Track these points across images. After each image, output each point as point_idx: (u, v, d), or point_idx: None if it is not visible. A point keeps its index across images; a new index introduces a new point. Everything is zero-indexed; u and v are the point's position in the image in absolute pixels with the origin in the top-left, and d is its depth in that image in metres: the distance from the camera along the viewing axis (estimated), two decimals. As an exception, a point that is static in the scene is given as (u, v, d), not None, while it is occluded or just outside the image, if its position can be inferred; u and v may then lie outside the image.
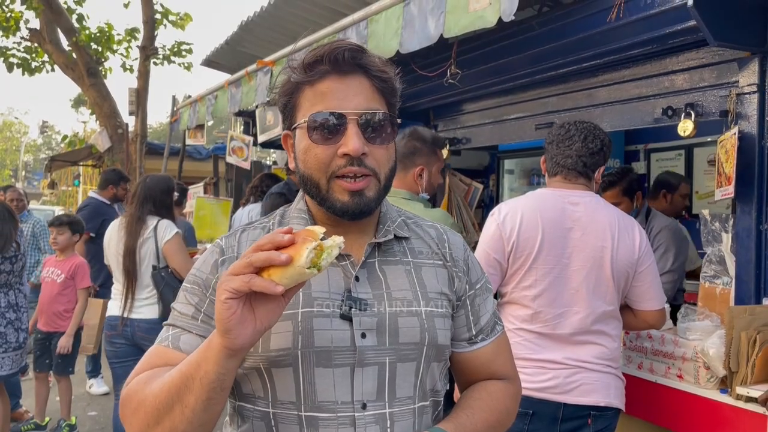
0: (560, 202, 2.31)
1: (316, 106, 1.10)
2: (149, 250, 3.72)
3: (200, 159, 10.67)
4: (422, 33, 2.95)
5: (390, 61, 1.19)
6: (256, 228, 1.22)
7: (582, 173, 2.36)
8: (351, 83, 1.11)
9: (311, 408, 1.08)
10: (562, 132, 2.40)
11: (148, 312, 3.72)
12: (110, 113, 9.56)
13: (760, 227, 2.66)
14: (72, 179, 19.49)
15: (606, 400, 2.25)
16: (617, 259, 2.27)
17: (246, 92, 4.96)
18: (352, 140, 1.08)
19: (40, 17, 9.50)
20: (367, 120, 1.10)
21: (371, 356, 1.10)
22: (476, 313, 1.26)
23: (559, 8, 3.51)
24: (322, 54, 1.10)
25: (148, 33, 9.52)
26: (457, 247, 1.27)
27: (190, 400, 0.96)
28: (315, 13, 4.77)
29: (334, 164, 1.10)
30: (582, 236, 2.26)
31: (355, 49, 1.11)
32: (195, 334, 1.10)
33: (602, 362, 2.27)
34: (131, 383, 1.08)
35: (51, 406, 4.88)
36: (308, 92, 1.12)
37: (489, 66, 3.81)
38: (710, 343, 2.53)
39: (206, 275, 1.15)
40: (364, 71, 1.12)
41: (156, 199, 3.80)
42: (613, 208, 2.40)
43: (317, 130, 1.09)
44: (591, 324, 2.25)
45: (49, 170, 11.88)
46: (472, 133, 4.46)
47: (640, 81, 3.22)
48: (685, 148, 5.31)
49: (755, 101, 2.66)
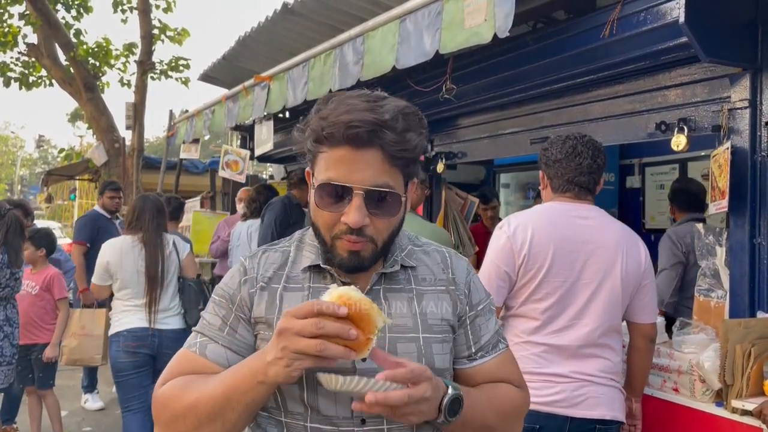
0: (571, 216, 2.32)
1: (328, 172, 1.14)
2: (174, 262, 4.02)
3: (197, 173, 10.69)
4: (418, 49, 2.98)
5: (415, 117, 1.17)
6: (277, 251, 1.30)
7: (591, 191, 2.39)
8: (364, 156, 1.12)
9: (316, 421, 1.18)
10: (568, 149, 2.37)
11: (174, 323, 3.99)
12: (107, 127, 9.58)
13: (753, 241, 2.68)
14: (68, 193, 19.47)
15: (612, 413, 2.27)
16: (626, 273, 2.29)
17: (243, 107, 4.99)
18: (354, 214, 1.13)
19: (37, 32, 9.55)
20: (371, 195, 1.13)
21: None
22: (476, 332, 1.30)
23: (553, 24, 3.56)
24: (335, 129, 1.11)
25: (146, 48, 9.58)
26: (460, 271, 1.32)
27: (232, 417, 1.11)
28: (312, 29, 4.81)
29: (336, 228, 1.17)
30: (593, 250, 2.27)
31: (373, 129, 1.11)
32: (221, 345, 1.21)
33: (607, 376, 2.28)
34: (166, 387, 1.19)
35: (46, 421, 4.84)
36: (323, 155, 1.16)
37: (484, 81, 3.84)
38: (705, 356, 2.54)
39: (233, 291, 1.25)
40: (380, 145, 1.12)
41: (162, 216, 4.08)
42: (620, 224, 2.43)
43: (324, 197, 1.15)
44: (598, 337, 2.27)
45: (46, 184, 11.89)
46: (468, 148, 4.49)
47: (633, 96, 3.25)
48: (679, 162, 5.35)
49: (747, 116, 2.69)
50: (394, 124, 1.12)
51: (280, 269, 1.26)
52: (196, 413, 1.12)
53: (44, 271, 4.69)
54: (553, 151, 2.41)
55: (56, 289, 4.65)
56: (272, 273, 1.26)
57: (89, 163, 10.23)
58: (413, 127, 1.16)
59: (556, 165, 2.39)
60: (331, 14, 4.54)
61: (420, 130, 1.18)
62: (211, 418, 1.11)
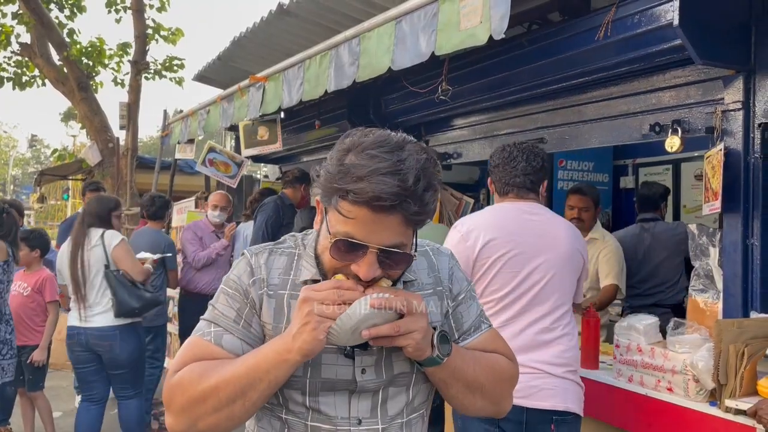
0: (520, 213, 2.52)
1: (346, 227, 1.15)
2: (97, 256, 4.07)
3: (192, 173, 10.62)
4: (414, 50, 2.99)
5: (434, 169, 1.17)
6: (283, 254, 1.33)
7: (531, 189, 2.56)
8: (384, 220, 1.13)
9: (315, 420, 1.27)
10: (505, 155, 2.59)
11: (99, 320, 4.06)
12: (101, 127, 9.53)
13: (746, 241, 2.70)
14: (61, 193, 19.38)
15: (564, 404, 2.37)
16: (574, 262, 2.51)
17: (238, 107, 4.98)
18: (366, 269, 1.16)
19: (30, 32, 9.49)
20: (384, 253, 1.16)
21: (368, 387, 1.27)
22: (459, 320, 1.39)
23: (548, 26, 3.58)
24: (363, 198, 1.11)
25: (140, 48, 9.53)
26: (443, 267, 1.39)
27: (254, 396, 1.18)
28: (307, 29, 4.80)
29: (344, 270, 1.20)
30: (545, 243, 2.45)
31: (398, 201, 1.11)
32: (236, 337, 1.26)
33: (562, 365, 2.40)
34: (183, 373, 1.23)
35: (39, 422, 4.81)
36: (344, 206, 1.14)
37: (479, 82, 3.85)
38: (699, 356, 2.56)
39: (246, 287, 1.29)
40: (401, 212, 1.13)
41: (99, 216, 4.19)
42: (563, 219, 2.70)
43: (338, 251, 1.17)
44: (551, 324, 2.42)
45: (39, 184, 11.82)
46: (463, 148, 4.50)
47: (627, 98, 3.27)
48: (673, 163, 5.38)
49: (740, 118, 2.71)
50: (415, 187, 1.12)
51: (285, 274, 1.30)
52: (218, 395, 1.18)
53: (38, 273, 4.69)
54: (494, 159, 2.64)
55: (48, 291, 4.64)
56: (278, 280, 1.29)
57: (83, 163, 10.18)
58: (432, 184, 1.16)
59: (496, 170, 2.61)
60: (326, 15, 4.54)
61: (436, 182, 1.18)
62: (233, 399, 1.18)
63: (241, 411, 1.19)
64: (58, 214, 23.63)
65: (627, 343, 2.90)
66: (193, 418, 1.20)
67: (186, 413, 1.21)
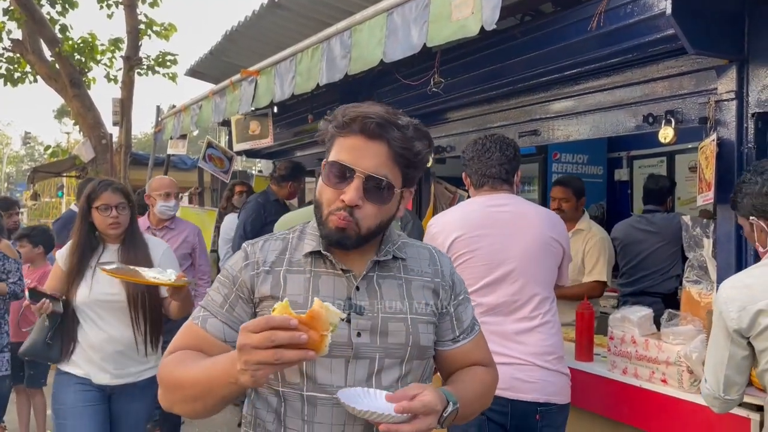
0: (485, 206, 2.54)
1: (339, 154, 1.33)
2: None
3: (185, 169, 10.60)
4: (405, 42, 2.97)
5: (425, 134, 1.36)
6: (278, 239, 1.45)
7: (505, 180, 2.58)
8: (372, 147, 1.31)
9: (312, 389, 1.33)
10: (478, 147, 2.60)
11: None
12: (94, 124, 9.49)
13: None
14: (55, 190, 19.31)
15: (545, 397, 2.39)
16: (550, 248, 2.51)
17: (230, 102, 4.95)
18: (351, 192, 1.30)
19: (22, 28, 9.44)
20: (369, 181, 1.30)
21: (364, 351, 1.34)
22: (459, 318, 1.51)
23: (540, 17, 3.56)
24: (354, 117, 1.31)
25: (132, 43, 9.49)
26: (446, 266, 1.52)
27: (211, 402, 1.26)
28: (299, 23, 4.78)
29: (333, 205, 1.33)
30: (511, 233, 2.47)
31: (383, 123, 1.30)
32: (219, 320, 1.37)
33: (545, 355, 2.41)
34: (172, 357, 1.36)
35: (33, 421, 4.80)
36: (339, 141, 1.35)
37: (472, 75, 3.83)
38: (693, 347, 2.55)
39: (236, 273, 1.41)
40: (387, 140, 1.31)
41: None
42: (535, 204, 2.70)
43: (331, 175, 1.33)
44: (530, 312, 2.43)
45: (32, 181, 11.78)
46: (457, 141, 4.48)
47: (621, 89, 3.25)
48: (667, 155, 5.38)
49: (733, 108, 2.70)
50: (403, 127, 1.32)
51: (281, 254, 1.42)
52: (184, 392, 1.29)
53: (41, 268, 4.68)
54: (468, 152, 2.65)
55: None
56: (275, 258, 1.41)
57: (76, 160, 10.14)
58: (420, 138, 1.35)
59: (470, 163, 2.62)
60: (318, 8, 4.52)
61: (426, 143, 1.36)
62: (194, 399, 1.28)
63: (203, 409, 1.29)
64: (53, 211, 23.53)
65: (621, 334, 2.89)
66: (170, 402, 1.34)
67: (166, 395, 1.35)
